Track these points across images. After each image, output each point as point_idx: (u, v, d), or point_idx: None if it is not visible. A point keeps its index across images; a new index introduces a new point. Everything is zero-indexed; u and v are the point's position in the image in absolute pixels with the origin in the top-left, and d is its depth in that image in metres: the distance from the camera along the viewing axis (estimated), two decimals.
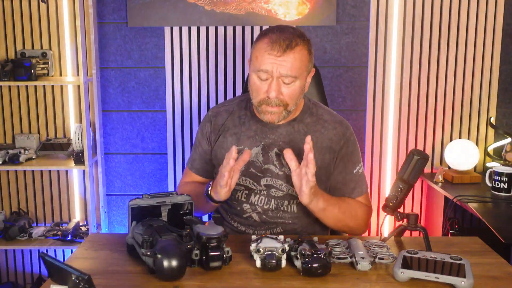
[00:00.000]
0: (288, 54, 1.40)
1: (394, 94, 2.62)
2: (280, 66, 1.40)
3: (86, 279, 0.93)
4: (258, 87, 1.45)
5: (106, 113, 2.66)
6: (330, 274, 1.19)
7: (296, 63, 1.41)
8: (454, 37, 2.58)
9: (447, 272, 1.14)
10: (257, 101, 1.47)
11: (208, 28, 2.57)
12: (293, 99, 1.46)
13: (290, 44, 1.40)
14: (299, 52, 1.42)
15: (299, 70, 1.43)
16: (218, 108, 1.67)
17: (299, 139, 1.53)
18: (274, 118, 1.47)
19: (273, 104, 1.44)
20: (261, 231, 1.56)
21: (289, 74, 1.41)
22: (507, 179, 2.21)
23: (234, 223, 1.61)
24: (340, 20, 2.57)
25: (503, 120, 2.65)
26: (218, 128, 1.62)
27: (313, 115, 1.59)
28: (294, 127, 1.56)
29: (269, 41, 1.41)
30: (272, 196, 1.55)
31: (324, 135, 1.55)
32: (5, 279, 2.74)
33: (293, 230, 1.57)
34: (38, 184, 2.69)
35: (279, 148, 1.53)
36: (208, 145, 1.64)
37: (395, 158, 2.67)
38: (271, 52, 1.40)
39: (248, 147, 1.54)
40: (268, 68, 1.41)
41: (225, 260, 1.22)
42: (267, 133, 1.56)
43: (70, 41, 2.56)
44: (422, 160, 1.39)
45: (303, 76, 1.46)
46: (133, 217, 1.29)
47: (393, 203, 1.43)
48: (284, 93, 1.43)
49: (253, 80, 1.46)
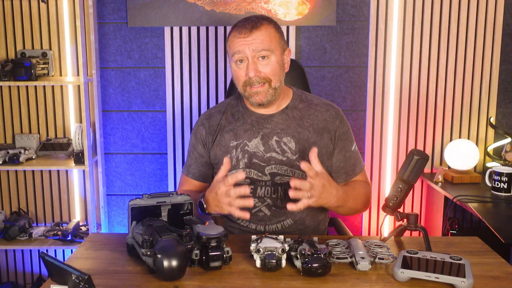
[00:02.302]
0: (254, 33, 1.50)
1: (394, 94, 2.62)
2: (250, 44, 1.49)
3: (86, 279, 0.93)
4: (238, 73, 1.53)
5: (106, 113, 2.66)
6: (330, 274, 1.19)
7: (264, 38, 1.50)
8: (454, 37, 2.58)
9: (447, 272, 1.14)
10: (242, 87, 1.54)
11: (208, 28, 2.57)
12: (274, 74, 1.52)
13: (255, 25, 1.51)
14: (265, 29, 1.51)
15: (270, 44, 1.50)
16: (209, 111, 1.70)
17: (295, 124, 1.59)
18: (261, 98, 1.52)
19: (255, 83, 1.50)
20: (272, 225, 1.58)
21: (261, 48, 1.49)
22: (507, 179, 2.21)
23: (243, 222, 1.61)
24: (340, 20, 2.57)
25: (503, 120, 2.66)
26: (214, 129, 1.64)
27: (303, 101, 1.64)
28: (288, 114, 1.61)
29: (236, 29, 1.53)
30: (278, 183, 1.57)
31: (318, 117, 1.61)
32: (5, 279, 2.74)
33: (301, 220, 1.59)
34: (38, 184, 2.69)
35: (278, 135, 1.57)
36: (204, 148, 1.66)
37: (395, 158, 2.67)
38: (239, 36, 1.50)
39: (246, 140, 1.58)
40: (240, 49, 1.50)
41: (225, 260, 1.22)
42: (263, 124, 1.59)
43: (70, 41, 2.56)
44: (422, 160, 1.39)
45: (277, 51, 1.53)
46: (133, 217, 1.29)
47: (393, 203, 1.43)
48: (262, 70, 1.50)
49: (233, 69, 1.55)
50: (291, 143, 1.57)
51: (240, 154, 1.58)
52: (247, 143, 1.58)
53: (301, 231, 1.60)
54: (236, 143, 1.59)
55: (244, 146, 1.58)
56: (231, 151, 1.59)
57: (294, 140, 1.57)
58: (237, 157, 1.58)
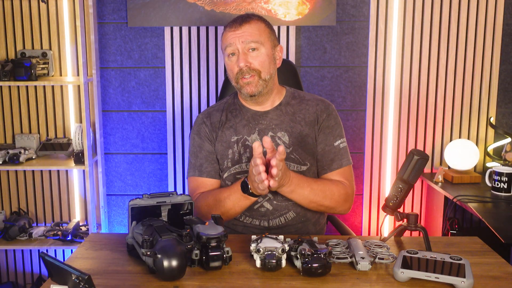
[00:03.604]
0: (244, 26, 1.58)
1: (394, 94, 2.62)
2: (240, 36, 1.57)
3: (86, 279, 0.93)
4: (230, 65, 1.61)
5: (106, 113, 2.66)
6: (330, 274, 1.19)
7: (253, 31, 1.58)
8: (454, 37, 2.58)
9: (447, 272, 1.14)
10: (234, 79, 1.61)
11: (208, 28, 2.57)
12: (263, 66, 1.58)
13: (245, 20, 1.60)
14: (255, 23, 1.60)
15: (259, 37, 1.58)
16: (207, 111, 1.75)
17: (288, 119, 1.65)
18: (252, 89, 1.58)
19: (245, 74, 1.57)
20: (275, 219, 1.59)
21: (250, 39, 1.57)
22: (507, 179, 2.21)
23: (246, 220, 1.62)
24: (340, 20, 2.57)
25: (503, 120, 2.66)
26: (216, 125, 1.68)
27: (296, 98, 1.70)
28: (281, 110, 1.67)
29: (228, 25, 1.63)
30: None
31: (309, 111, 1.67)
32: (5, 279, 2.74)
33: (303, 212, 1.61)
34: (38, 184, 2.69)
35: (273, 131, 1.64)
36: (211, 145, 1.67)
37: (395, 158, 2.67)
38: (230, 30, 1.60)
39: (246, 135, 1.64)
40: (231, 41, 1.58)
41: (225, 260, 1.22)
42: (259, 120, 1.65)
43: (70, 41, 2.56)
44: (422, 160, 1.39)
45: (267, 44, 1.60)
46: (133, 217, 1.29)
47: (393, 203, 1.43)
48: (252, 61, 1.57)
49: (226, 63, 1.63)
50: (285, 137, 1.62)
51: (242, 148, 1.62)
52: (247, 138, 1.63)
53: (303, 223, 1.62)
54: (236, 138, 1.64)
55: (244, 141, 1.63)
56: (233, 146, 1.63)
57: (288, 134, 1.63)
58: (239, 152, 1.62)
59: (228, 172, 1.63)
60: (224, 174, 1.64)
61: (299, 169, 1.60)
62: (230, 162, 1.63)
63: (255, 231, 1.61)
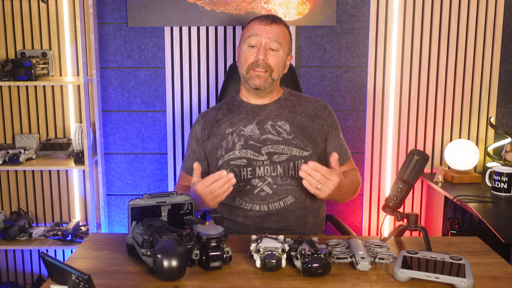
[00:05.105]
0: (274, 25, 1.68)
1: (394, 94, 2.62)
2: (268, 32, 1.66)
3: (86, 279, 0.93)
4: (247, 54, 1.68)
5: (106, 113, 2.66)
6: (330, 274, 1.19)
7: (280, 32, 1.68)
8: (454, 37, 2.58)
9: (447, 272, 1.14)
10: (246, 67, 1.68)
11: (208, 28, 2.57)
12: (277, 67, 1.68)
13: (276, 20, 1.70)
14: (282, 27, 1.71)
15: (283, 40, 1.69)
16: (206, 110, 1.83)
17: (288, 110, 1.73)
18: (260, 82, 1.66)
19: (260, 67, 1.65)
20: (274, 203, 1.61)
21: (275, 39, 1.66)
22: (507, 179, 2.21)
23: (246, 206, 1.64)
24: (340, 20, 2.57)
25: (503, 120, 2.66)
26: (210, 123, 1.75)
27: (294, 95, 1.80)
28: (280, 103, 1.75)
29: (258, 18, 1.71)
30: (276, 162, 1.63)
31: (309, 106, 1.76)
32: (5, 279, 2.74)
33: (302, 198, 1.64)
34: (38, 184, 2.69)
35: (273, 120, 1.70)
36: (197, 145, 1.76)
37: (395, 158, 2.67)
38: (260, 23, 1.68)
39: (242, 127, 1.69)
40: (258, 32, 1.66)
41: (225, 260, 1.22)
42: (258, 112, 1.72)
43: (70, 41, 2.56)
44: (422, 160, 1.39)
45: (285, 49, 1.70)
46: (133, 217, 1.29)
47: (393, 203, 1.43)
48: (270, 60, 1.66)
49: (243, 50, 1.70)
50: (285, 126, 1.68)
51: (236, 138, 1.67)
52: (242, 129, 1.68)
53: (302, 211, 1.64)
54: (231, 130, 1.69)
55: (239, 132, 1.68)
56: (227, 137, 1.68)
57: (289, 123, 1.69)
58: (233, 141, 1.67)
59: (222, 159, 1.67)
60: (219, 162, 1.68)
61: (301, 154, 1.65)
62: (224, 151, 1.68)
63: (255, 219, 1.63)
